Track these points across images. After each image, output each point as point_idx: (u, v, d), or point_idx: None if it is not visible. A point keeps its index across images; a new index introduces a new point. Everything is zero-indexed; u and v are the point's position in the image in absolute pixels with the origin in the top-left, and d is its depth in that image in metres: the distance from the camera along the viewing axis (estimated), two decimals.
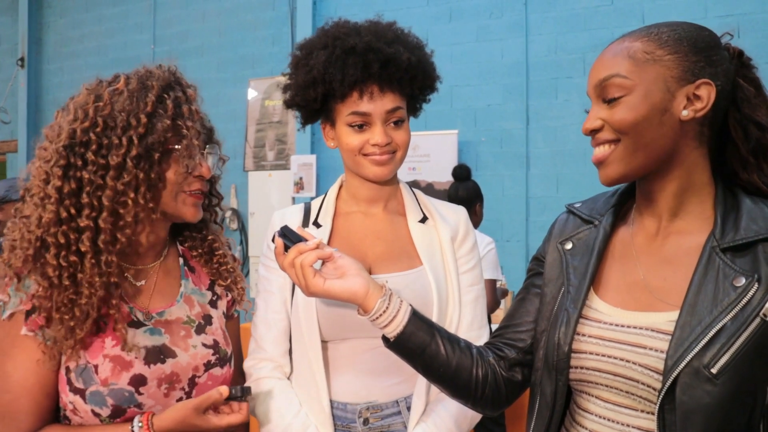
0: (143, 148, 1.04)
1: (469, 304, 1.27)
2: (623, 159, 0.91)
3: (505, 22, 4.45)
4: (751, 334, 0.80)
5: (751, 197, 0.91)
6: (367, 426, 1.20)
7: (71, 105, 1.08)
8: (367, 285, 1.01)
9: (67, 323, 1.02)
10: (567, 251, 1.03)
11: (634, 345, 0.88)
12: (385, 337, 1.03)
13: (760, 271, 0.83)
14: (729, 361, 0.80)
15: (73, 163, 1.03)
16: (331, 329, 1.21)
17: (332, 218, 1.30)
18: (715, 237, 0.87)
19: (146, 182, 1.05)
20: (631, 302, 0.93)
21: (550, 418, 0.97)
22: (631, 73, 0.89)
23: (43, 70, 6.64)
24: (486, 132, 4.49)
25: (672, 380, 0.82)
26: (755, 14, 3.82)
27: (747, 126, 0.91)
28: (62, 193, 1.03)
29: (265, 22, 5.37)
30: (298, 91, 1.23)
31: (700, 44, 0.88)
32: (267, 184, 5.12)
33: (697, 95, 0.88)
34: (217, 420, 1.04)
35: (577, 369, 0.94)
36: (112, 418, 1.06)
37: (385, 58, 1.18)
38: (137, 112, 1.05)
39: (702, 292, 0.85)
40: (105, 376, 1.05)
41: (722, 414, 0.80)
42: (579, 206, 1.09)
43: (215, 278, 1.26)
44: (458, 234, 1.31)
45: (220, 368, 1.17)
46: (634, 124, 0.88)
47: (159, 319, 1.14)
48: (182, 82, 1.16)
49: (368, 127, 1.20)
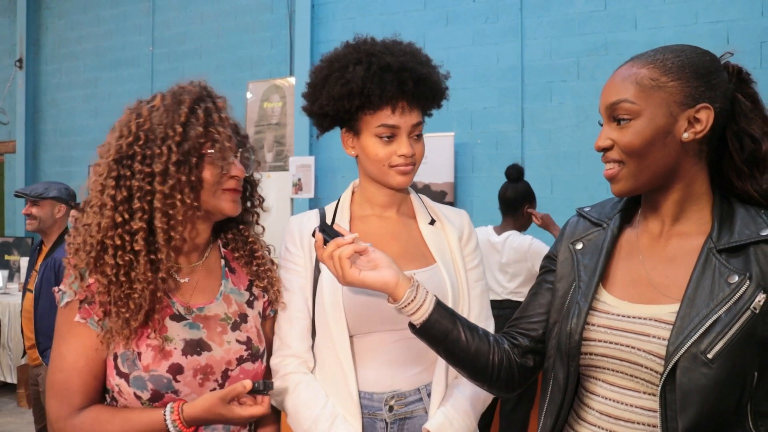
0: (181, 154, 1.16)
1: (477, 298, 1.39)
2: (630, 177, 1.01)
3: (501, 26, 4.54)
4: (742, 324, 0.91)
5: (744, 205, 1.01)
6: (392, 413, 1.29)
7: (117, 124, 1.22)
8: (398, 276, 1.10)
9: (123, 315, 1.14)
10: (578, 251, 1.13)
11: (638, 333, 0.98)
12: (411, 325, 1.12)
13: (752, 270, 0.93)
14: (723, 347, 0.90)
15: (123, 174, 1.17)
16: (358, 324, 1.29)
17: (349, 222, 1.38)
18: (713, 240, 0.98)
19: (188, 184, 1.17)
20: (636, 296, 1.03)
21: (562, 400, 1.08)
22: (638, 99, 0.98)
23: (41, 71, 6.67)
24: (482, 134, 4.58)
25: (673, 364, 0.92)
26: (743, 20, 3.91)
27: (743, 138, 1.00)
28: (116, 201, 1.16)
29: (263, 25, 5.44)
30: (330, 101, 1.30)
31: (701, 70, 0.97)
32: (266, 186, 5.07)
33: (697, 118, 0.97)
34: (241, 410, 1.13)
35: (587, 355, 1.05)
36: (152, 401, 1.17)
37: (417, 77, 1.28)
38: (173, 124, 1.17)
39: (700, 287, 0.95)
40: (147, 363, 1.16)
41: (716, 394, 0.91)
42: (588, 210, 1.19)
43: (254, 278, 1.35)
44: (463, 235, 1.41)
45: (252, 363, 1.26)
46: (640, 148, 0.99)
47: (199, 315, 1.24)
48: (212, 93, 1.28)
49: (394, 138, 1.30)
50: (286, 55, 5.26)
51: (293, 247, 1.38)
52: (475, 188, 4.60)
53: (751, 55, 3.88)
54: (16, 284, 5.60)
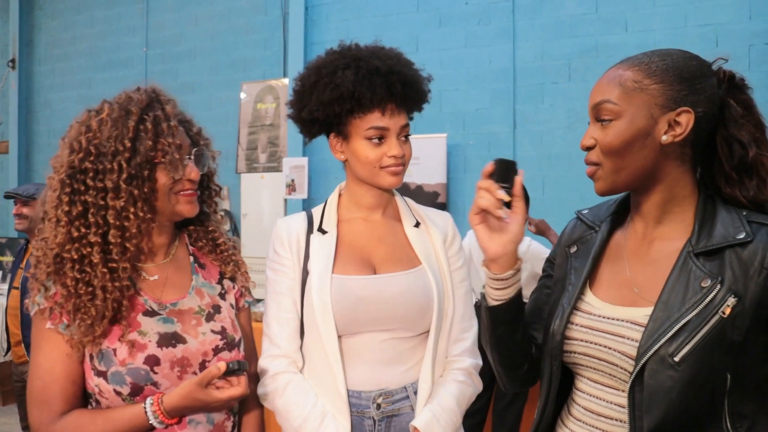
0: (132, 168, 1.18)
1: (461, 299, 1.41)
2: (608, 177, 1.03)
3: (493, 28, 4.57)
4: (710, 328, 0.92)
5: (727, 207, 1.01)
6: (380, 411, 1.31)
7: (67, 138, 1.23)
8: (515, 251, 1.11)
9: (86, 322, 1.16)
10: (572, 254, 1.16)
11: (614, 334, 1.01)
12: (485, 304, 1.14)
13: (724, 275, 0.94)
14: (690, 351, 0.92)
15: (76, 188, 1.19)
16: (346, 325, 1.32)
17: (336, 224, 1.40)
18: (691, 243, 0.99)
19: (141, 197, 1.18)
20: (618, 298, 1.05)
21: (547, 396, 1.12)
22: (620, 100, 1.00)
23: (34, 71, 6.66)
24: (474, 135, 4.61)
25: (641, 365, 0.94)
26: (732, 24, 3.96)
27: (732, 144, 1.01)
28: (71, 216, 1.18)
29: (257, 27, 5.45)
30: (320, 106, 1.32)
31: (686, 74, 0.98)
32: (259, 186, 5.20)
33: (677, 121, 0.98)
34: (219, 393, 1.16)
35: (571, 354, 1.08)
36: (132, 395, 1.18)
37: (405, 79, 1.31)
38: (122, 138, 1.18)
39: (674, 291, 0.96)
40: (123, 357, 1.18)
41: (682, 396, 0.92)
42: (586, 213, 1.21)
43: (220, 264, 1.38)
44: (448, 237, 1.44)
45: (229, 352, 1.28)
46: (619, 148, 1.00)
47: (173, 309, 1.26)
48: (161, 98, 1.27)
49: (384, 140, 1.32)
50: (279, 57, 5.28)
51: (281, 249, 1.40)
52: (467, 189, 4.63)
53: (739, 58, 3.93)
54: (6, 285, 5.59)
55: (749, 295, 0.92)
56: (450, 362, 1.39)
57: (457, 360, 1.38)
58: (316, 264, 1.35)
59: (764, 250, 0.93)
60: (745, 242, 0.94)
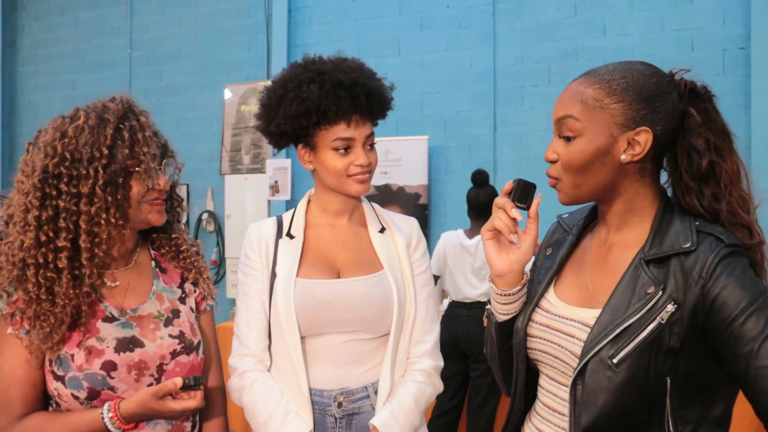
0: (108, 175, 1.20)
1: (423, 302, 1.46)
2: (568, 192, 1.07)
3: (474, 32, 4.63)
4: (649, 333, 0.95)
5: (682, 217, 1.03)
6: (341, 409, 1.37)
7: (40, 143, 1.24)
8: (521, 270, 1.14)
9: (45, 329, 1.19)
10: (547, 256, 1.21)
11: (566, 334, 1.05)
12: (494, 320, 1.18)
13: (667, 282, 0.97)
14: (628, 354, 0.95)
15: (48, 193, 1.19)
16: (309, 326, 1.37)
17: (303, 229, 1.46)
18: (644, 250, 1.02)
19: (114, 204, 1.21)
20: (575, 299, 1.09)
21: (515, 392, 1.17)
22: (582, 117, 1.02)
23: (17, 72, 6.63)
24: (455, 137, 4.66)
25: (582, 365, 0.99)
26: (707, 29, 4.04)
27: (691, 153, 1.02)
28: (40, 221, 1.19)
29: (241, 29, 5.47)
30: (287, 120, 1.36)
31: (645, 93, 1.00)
32: (243, 188, 5.22)
33: (636, 140, 1.00)
34: (174, 404, 1.19)
35: (533, 351, 1.12)
36: (89, 399, 1.21)
37: (368, 91, 1.36)
38: (99, 145, 1.20)
39: (622, 295, 1.00)
40: (80, 363, 1.21)
41: (618, 396, 0.96)
42: (565, 217, 1.25)
43: (182, 271, 1.41)
44: (412, 242, 1.49)
45: (187, 356, 1.32)
46: (579, 165, 1.03)
47: (133, 315, 1.29)
48: (135, 110, 1.30)
49: (350, 150, 1.37)
50: (263, 59, 5.31)
51: (252, 254, 1.45)
52: (448, 190, 4.68)
53: (714, 62, 4.01)
54: None
55: (687, 303, 0.94)
56: (411, 363, 1.44)
57: (417, 361, 1.43)
58: (282, 268, 1.40)
59: (704, 260, 0.94)
60: (689, 251, 0.96)
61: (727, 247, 0.95)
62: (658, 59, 4.47)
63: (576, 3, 4.36)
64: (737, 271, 0.94)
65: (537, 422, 1.12)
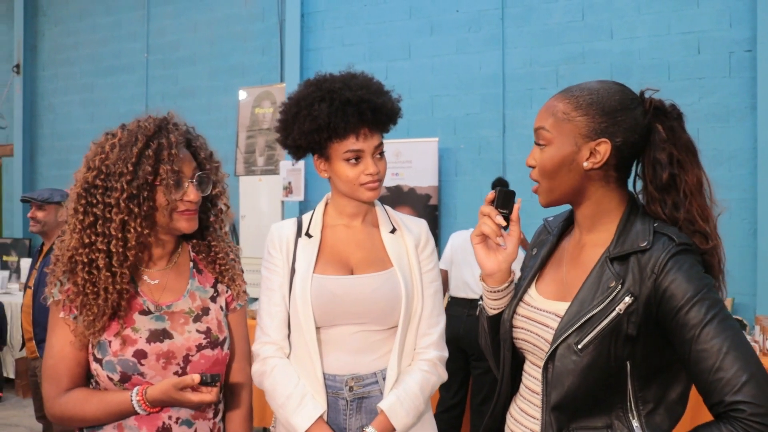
0: (133, 189, 1.35)
1: (430, 297, 1.59)
2: (544, 194, 1.19)
3: (483, 35, 4.71)
4: (609, 322, 1.08)
5: (644, 219, 1.15)
6: (352, 392, 1.50)
7: (85, 157, 1.42)
8: (508, 268, 1.26)
9: (89, 318, 1.36)
10: (532, 256, 1.33)
11: (542, 323, 1.18)
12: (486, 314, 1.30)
13: (626, 277, 1.09)
14: (591, 340, 1.08)
15: (89, 201, 1.37)
16: (323, 318, 1.51)
17: (321, 230, 1.59)
18: (609, 249, 1.14)
19: (141, 214, 1.36)
20: (552, 293, 1.22)
21: (502, 377, 1.29)
22: (552, 128, 1.15)
23: (38, 76, 6.81)
24: (465, 139, 4.75)
25: (552, 350, 1.12)
26: (713, 32, 4.09)
27: (655, 165, 1.14)
28: (84, 224, 1.36)
29: (254, 33, 5.60)
30: (302, 135, 1.51)
31: (607, 108, 1.12)
32: (257, 189, 5.34)
33: (597, 150, 1.12)
34: (192, 396, 1.32)
35: (517, 339, 1.25)
36: (122, 382, 1.38)
37: (374, 107, 1.48)
38: (126, 162, 1.36)
39: (589, 289, 1.12)
40: (115, 349, 1.38)
41: (582, 378, 1.09)
42: (550, 220, 1.37)
43: (217, 276, 1.55)
44: (420, 242, 1.62)
45: (212, 350, 1.45)
46: (550, 170, 1.16)
47: (167, 311, 1.45)
48: (170, 128, 1.43)
49: (361, 160, 1.50)
50: (276, 63, 5.43)
51: (274, 251, 1.58)
52: (458, 191, 4.77)
53: (720, 65, 4.06)
54: (15, 284, 5.74)
55: (642, 296, 1.06)
56: (417, 354, 1.56)
57: (423, 352, 1.55)
58: (300, 264, 1.54)
59: (656, 257, 1.06)
60: (645, 249, 1.08)
61: (677, 246, 1.07)
62: (665, 62, 4.53)
63: (583, 7, 4.43)
64: (685, 266, 1.05)
65: (520, 402, 1.24)
